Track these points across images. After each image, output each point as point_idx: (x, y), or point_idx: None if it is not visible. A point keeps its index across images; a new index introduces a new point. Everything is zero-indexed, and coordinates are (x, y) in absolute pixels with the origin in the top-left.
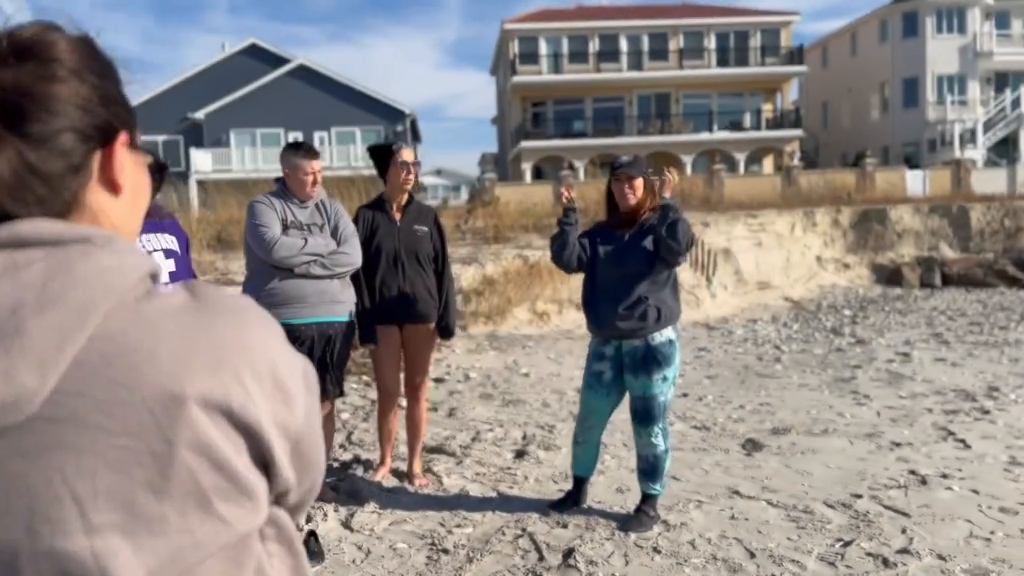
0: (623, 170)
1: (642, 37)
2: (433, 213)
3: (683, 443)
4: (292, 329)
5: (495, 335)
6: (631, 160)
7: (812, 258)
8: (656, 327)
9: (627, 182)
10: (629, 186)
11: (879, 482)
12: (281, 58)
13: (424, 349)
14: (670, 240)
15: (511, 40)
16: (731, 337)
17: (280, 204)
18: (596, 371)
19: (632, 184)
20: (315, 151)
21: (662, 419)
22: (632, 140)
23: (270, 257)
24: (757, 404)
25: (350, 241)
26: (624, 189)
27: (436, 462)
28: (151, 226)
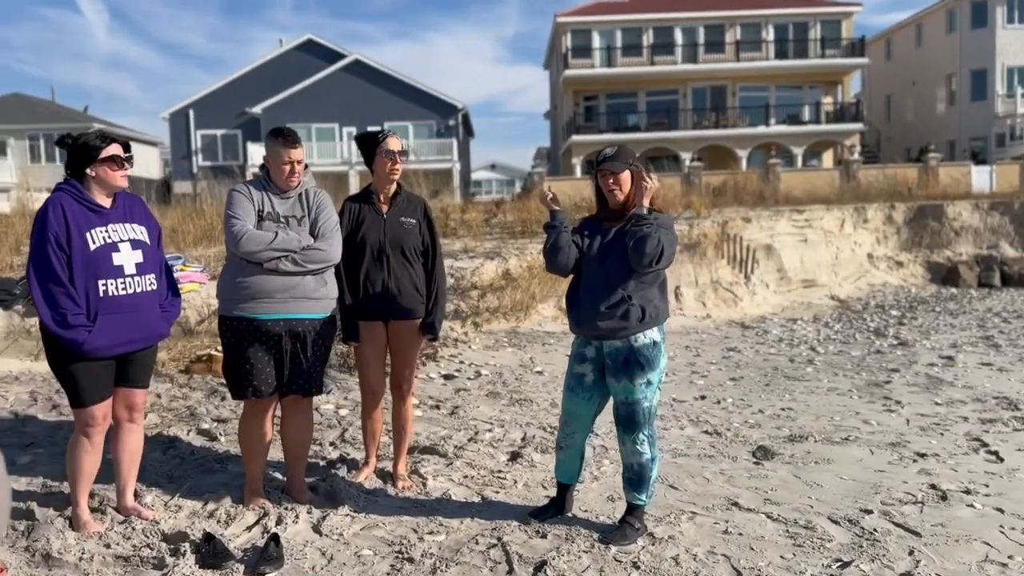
0: (607, 164)
1: (698, 29)
2: (423, 204)
3: (690, 449)
4: (258, 325)
5: (516, 332)
6: (615, 152)
7: (863, 255)
8: (640, 328)
9: (611, 177)
10: (614, 181)
11: (894, 496)
12: (337, 53)
13: (410, 347)
14: (634, 252)
15: (564, 34)
16: (765, 337)
17: (260, 194)
18: (577, 373)
19: (617, 179)
20: (295, 138)
21: (647, 425)
22: (686, 134)
23: (237, 250)
24: (778, 409)
25: (329, 236)
26: (609, 184)
27: (425, 463)
28: (121, 215)
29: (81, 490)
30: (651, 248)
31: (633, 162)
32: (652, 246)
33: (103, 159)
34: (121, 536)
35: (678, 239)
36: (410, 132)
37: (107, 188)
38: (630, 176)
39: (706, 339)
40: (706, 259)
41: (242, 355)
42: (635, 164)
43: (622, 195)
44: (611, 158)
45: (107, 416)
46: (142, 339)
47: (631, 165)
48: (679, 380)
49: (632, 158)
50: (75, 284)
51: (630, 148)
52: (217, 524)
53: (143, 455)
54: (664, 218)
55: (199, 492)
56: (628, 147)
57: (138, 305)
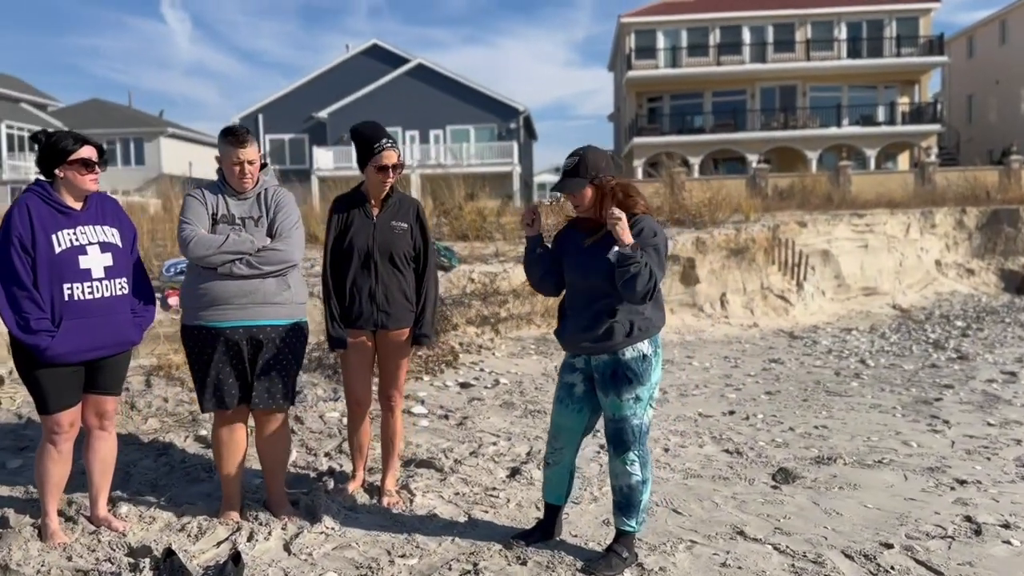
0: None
1: (766, 28)
2: (416, 207)
3: (704, 469)
4: (217, 333)
5: (546, 338)
6: (574, 165)
7: (930, 262)
8: (627, 341)
9: (571, 197)
10: (574, 200)
11: (921, 529)
12: (401, 58)
13: (399, 357)
14: (625, 292)
15: (628, 34)
16: (813, 348)
17: (214, 197)
18: (567, 383)
19: (575, 198)
20: (244, 137)
21: (637, 445)
22: (754, 135)
23: (187, 255)
24: (811, 427)
25: (287, 236)
26: (572, 201)
27: (418, 477)
28: (91, 217)
29: (49, 499)
30: (642, 287)
31: (597, 174)
32: (643, 284)
33: (72, 161)
34: (86, 548)
35: (667, 249)
36: (471, 135)
37: (75, 191)
38: (593, 192)
39: (748, 349)
40: (755, 265)
41: (204, 365)
42: (598, 177)
43: (582, 209)
44: (568, 173)
45: (75, 423)
46: (110, 345)
47: (592, 179)
48: (709, 393)
49: (597, 169)
50: (40, 288)
51: (595, 155)
52: (187, 538)
53: (133, 462)
54: (647, 227)
55: (179, 502)
56: (593, 154)
57: (106, 310)
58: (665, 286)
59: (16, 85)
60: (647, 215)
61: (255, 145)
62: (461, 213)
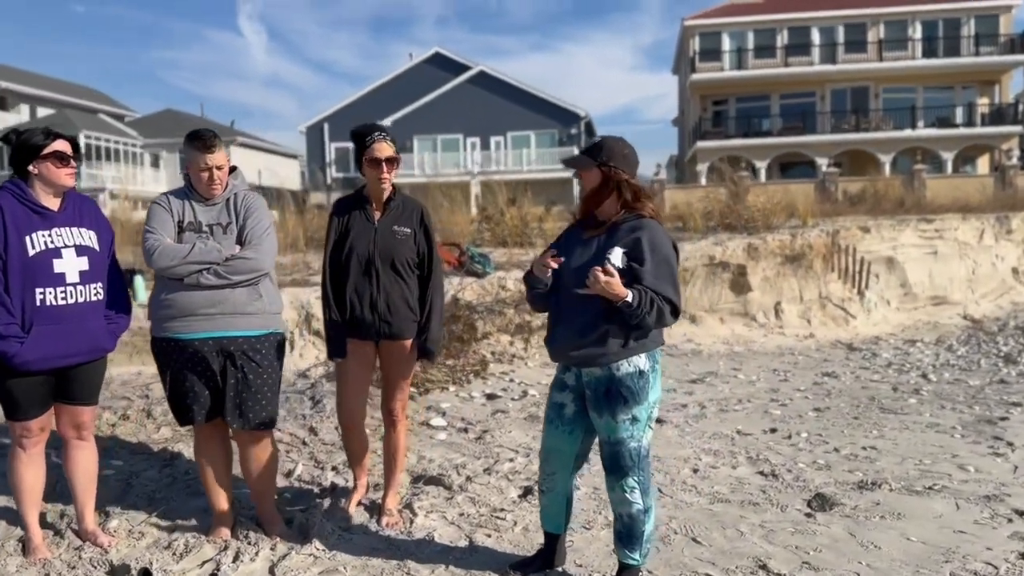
0: (571, 161)
1: (837, 28)
2: (419, 211)
3: (733, 493)
4: (184, 345)
5: None
6: (590, 145)
7: (1006, 270)
8: (622, 354)
9: (579, 174)
10: (581, 178)
11: (969, 567)
12: (463, 65)
13: (401, 369)
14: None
15: (692, 37)
16: (872, 361)
17: (181, 203)
18: (557, 403)
19: (583, 176)
20: (212, 142)
21: (637, 470)
22: (823, 138)
23: (152, 266)
24: (859, 447)
25: (256, 243)
26: (579, 180)
27: (424, 496)
28: (68, 219)
29: (28, 509)
30: (652, 324)
31: (608, 161)
32: (652, 322)
33: (46, 155)
34: (66, 565)
35: (679, 256)
36: (532, 141)
37: (52, 187)
38: (599, 176)
39: (801, 362)
40: (813, 272)
41: (174, 379)
42: (610, 164)
43: (587, 195)
44: (583, 151)
45: (45, 428)
46: (83, 353)
47: (602, 164)
48: (752, 408)
49: (611, 156)
50: (11, 291)
51: (614, 144)
52: (172, 557)
53: (137, 472)
54: (648, 238)
55: (173, 517)
56: (612, 142)
57: (79, 316)
58: (715, 294)
59: (95, 96)
60: (653, 220)
61: (223, 150)
62: (503, 219)
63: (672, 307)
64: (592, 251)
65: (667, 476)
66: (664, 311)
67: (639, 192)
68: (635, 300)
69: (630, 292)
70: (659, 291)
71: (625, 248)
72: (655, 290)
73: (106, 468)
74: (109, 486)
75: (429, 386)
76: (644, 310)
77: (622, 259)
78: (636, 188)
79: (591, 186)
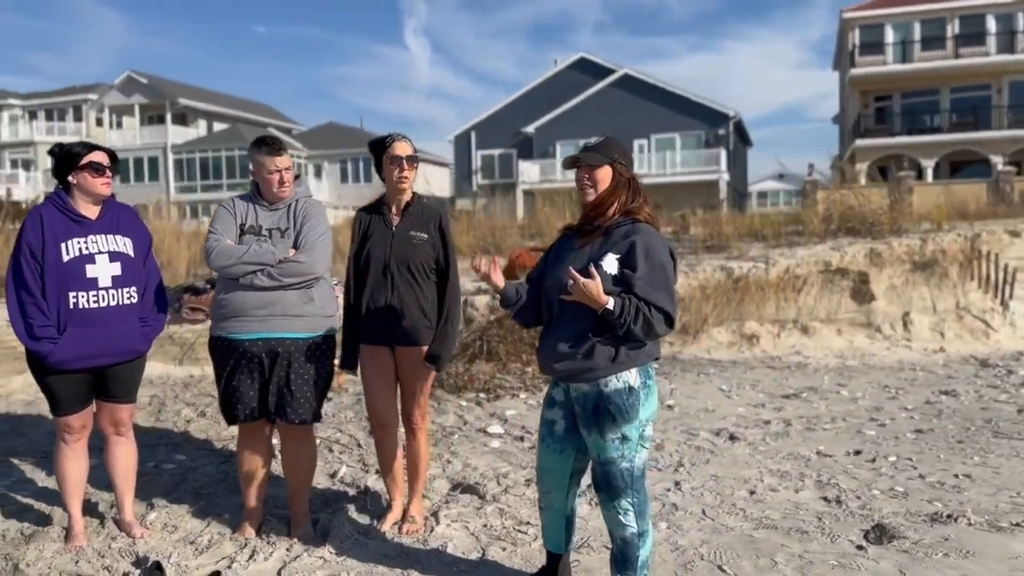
0: (583, 156)
1: (1016, 15)
2: (438, 216)
3: (785, 519)
4: (236, 345)
5: (675, 357)
6: (597, 143)
7: None
8: (611, 369)
9: (587, 173)
10: (588, 177)
11: None
12: (608, 69)
13: (418, 376)
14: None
15: (851, 30)
16: (1006, 379)
17: (245, 207)
18: (547, 420)
19: (592, 175)
20: (280, 146)
21: (631, 491)
22: (1000, 134)
23: (210, 265)
24: (950, 475)
25: (310, 248)
26: (583, 181)
27: (455, 504)
28: (104, 226)
29: (70, 499)
30: (640, 334)
31: (619, 158)
32: (640, 332)
33: (82, 166)
34: (96, 553)
35: (676, 264)
36: (677, 143)
37: (89, 196)
38: (611, 174)
39: (920, 378)
40: (947, 281)
41: (225, 377)
42: (620, 161)
43: (594, 194)
44: (590, 148)
45: (86, 425)
46: (115, 354)
47: (614, 161)
48: (844, 428)
49: (620, 153)
50: (47, 295)
51: (619, 142)
52: (193, 552)
53: (195, 467)
54: (642, 244)
55: (210, 512)
56: (617, 140)
57: (111, 319)
58: (832, 303)
59: (265, 111)
60: (649, 225)
61: (288, 154)
62: None
63: (665, 316)
64: (585, 259)
65: (717, 497)
66: (653, 321)
67: (640, 194)
68: (617, 308)
69: (611, 299)
70: (650, 299)
71: (618, 254)
72: (646, 298)
73: (168, 462)
74: (164, 479)
75: (500, 392)
76: (627, 319)
77: (615, 266)
78: (638, 189)
79: (604, 185)
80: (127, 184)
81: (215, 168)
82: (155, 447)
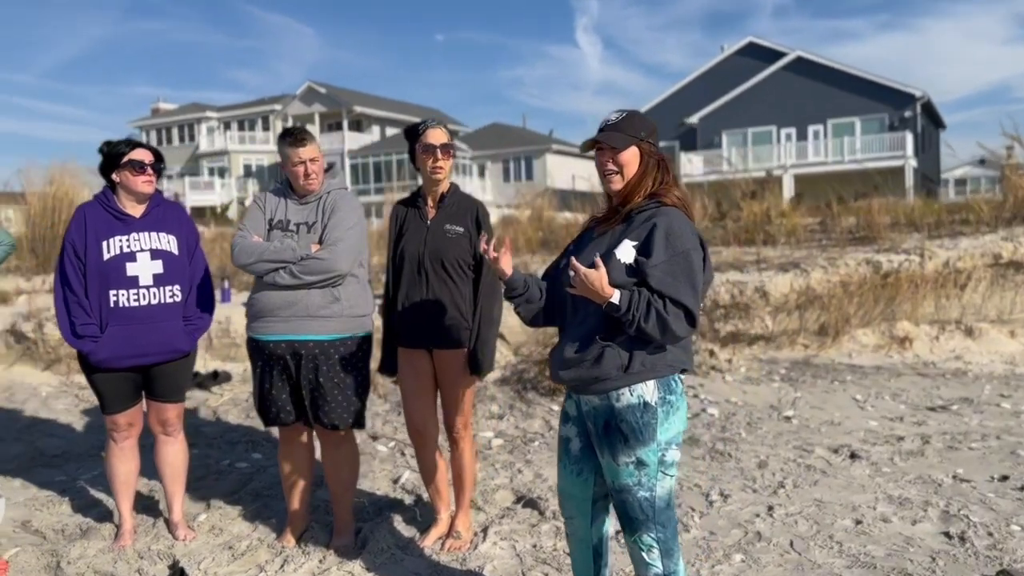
0: (603, 136)
1: None
2: (475, 209)
3: (890, 557)
4: (262, 346)
5: (808, 362)
6: (619, 119)
7: None
8: (623, 380)
9: (609, 156)
10: (613, 162)
11: None
12: (778, 53)
13: (456, 381)
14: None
15: None
16: None
17: (276, 201)
18: (562, 436)
19: (617, 159)
20: (304, 136)
21: (654, 524)
22: None
23: (234, 263)
24: None
25: (332, 244)
26: (606, 167)
27: (511, 519)
28: (148, 224)
29: (120, 497)
30: (654, 334)
31: (647, 136)
32: (654, 331)
33: (124, 163)
34: (136, 554)
35: (704, 253)
36: (856, 128)
37: (132, 194)
38: (639, 156)
39: None
40: None
41: (258, 378)
42: (649, 140)
43: (621, 181)
44: (611, 126)
45: (133, 424)
46: (155, 353)
47: (641, 140)
48: (995, 448)
49: (647, 130)
50: (89, 294)
51: (645, 116)
52: (229, 557)
53: (265, 467)
54: (664, 227)
55: (259, 516)
56: (642, 115)
57: (152, 317)
58: (1005, 302)
59: (432, 115)
60: (675, 208)
61: (315, 143)
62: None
63: (686, 313)
64: (603, 248)
65: (813, 527)
66: (668, 318)
67: (668, 174)
68: (623, 302)
69: (617, 292)
70: (667, 292)
71: (635, 240)
72: (662, 290)
73: (243, 461)
74: (230, 478)
75: None
76: (636, 315)
77: (631, 253)
78: (667, 169)
79: (632, 170)
80: None
81: (387, 171)
82: (235, 444)
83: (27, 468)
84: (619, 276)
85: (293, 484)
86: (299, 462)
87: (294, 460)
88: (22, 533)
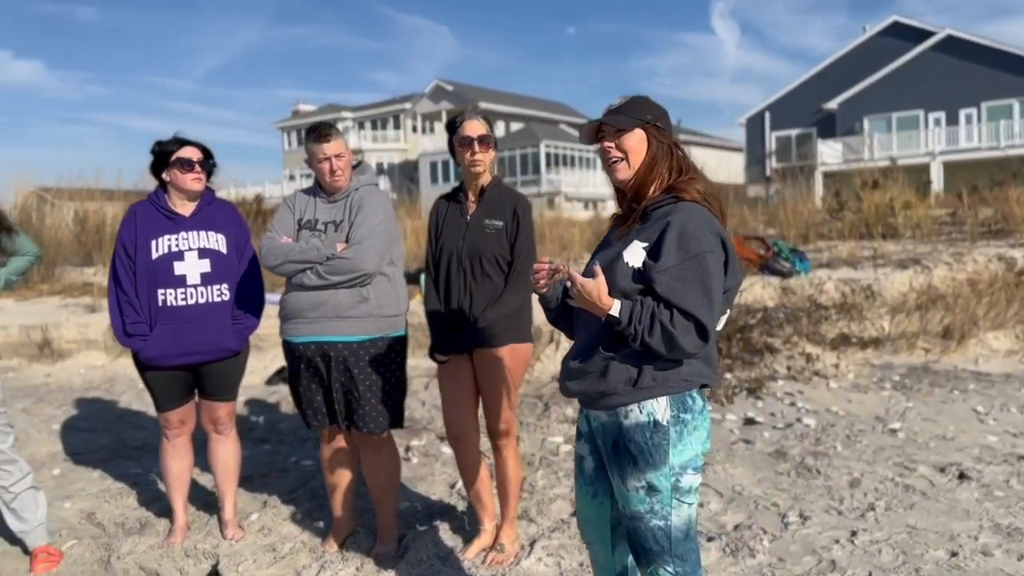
0: (607, 119)
1: None
2: (516, 203)
3: None
4: (293, 348)
5: (928, 368)
6: (621, 103)
7: None
8: (631, 396)
9: (613, 142)
10: (616, 148)
11: None
12: (926, 32)
13: (498, 383)
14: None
15: None
16: None
17: (306, 200)
18: (577, 454)
19: (620, 144)
20: (329, 132)
21: (671, 558)
22: None
23: (263, 265)
24: None
25: (357, 243)
26: (610, 153)
27: (562, 531)
28: (197, 223)
29: (173, 494)
30: (660, 349)
31: (654, 120)
32: (660, 346)
33: (173, 162)
34: (183, 552)
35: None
36: (1015, 111)
37: (181, 192)
38: (646, 141)
39: None
40: None
41: (292, 381)
42: (657, 124)
43: (628, 169)
44: (614, 110)
45: (184, 422)
46: (203, 352)
47: (648, 123)
48: None
49: (654, 113)
50: (139, 292)
51: (652, 100)
52: (271, 560)
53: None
54: (678, 225)
55: (311, 517)
56: (648, 98)
57: (199, 316)
58: None
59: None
60: (695, 204)
61: (341, 139)
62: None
63: (696, 325)
64: (604, 249)
65: (899, 557)
66: (675, 333)
67: (688, 166)
68: (624, 314)
69: (617, 303)
70: (674, 301)
71: (646, 242)
72: (669, 299)
73: (308, 459)
74: (292, 476)
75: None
76: (639, 329)
77: (640, 256)
78: (685, 160)
79: (638, 156)
80: (435, 184)
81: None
82: (305, 441)
83: (108, 459)
84: (625, 282)
85: (336, 488)
86: (341, 466)
87: (335, 464)
88: (86, 525)
